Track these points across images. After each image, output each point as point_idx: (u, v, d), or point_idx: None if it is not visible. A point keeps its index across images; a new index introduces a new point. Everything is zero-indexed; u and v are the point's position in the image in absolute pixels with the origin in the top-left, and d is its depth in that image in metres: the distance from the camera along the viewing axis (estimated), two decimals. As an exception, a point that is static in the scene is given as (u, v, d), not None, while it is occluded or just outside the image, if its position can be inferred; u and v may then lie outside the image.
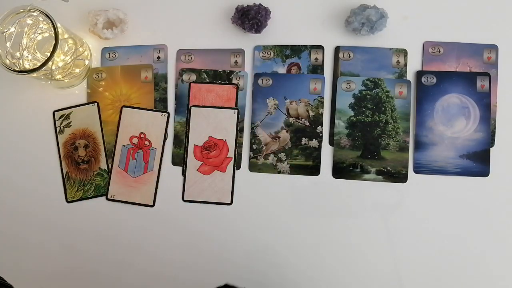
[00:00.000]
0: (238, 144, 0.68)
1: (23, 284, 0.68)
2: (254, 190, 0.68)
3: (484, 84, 0.67)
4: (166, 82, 0.70)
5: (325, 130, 0.68)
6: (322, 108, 0.68)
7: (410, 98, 0.68)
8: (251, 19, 0.66)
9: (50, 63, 0.60)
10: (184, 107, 0.70)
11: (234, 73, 0.69)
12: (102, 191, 0.69)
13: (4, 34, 0.61)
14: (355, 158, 0.67)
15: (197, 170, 0.68)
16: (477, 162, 0.66)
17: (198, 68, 0.70)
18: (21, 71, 0.60)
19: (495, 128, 0.67)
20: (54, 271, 0.69)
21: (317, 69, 0.69)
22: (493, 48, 0.67)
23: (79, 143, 0.70)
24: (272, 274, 0.67)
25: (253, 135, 0.69)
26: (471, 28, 0.68)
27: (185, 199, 0.68)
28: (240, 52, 0.70)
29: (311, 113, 0.68)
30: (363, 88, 0.68)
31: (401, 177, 0.67)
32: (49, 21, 0.60)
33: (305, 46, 0.69)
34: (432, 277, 0.65)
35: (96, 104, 0.70)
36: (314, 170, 0.68)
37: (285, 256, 0.67)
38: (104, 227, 0.69)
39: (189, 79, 0.70)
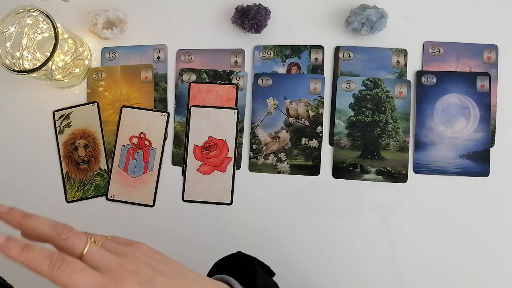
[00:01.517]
0: (238, 144, 0.68)
1: (23, 284, 0.68)
2: (254, 190, 0.68)
3: (484, 84, 0.67)
4: (166, 82, 0.70)
5: (325, 130, 0.68)
6: (322, 108, 0.68)
7: (410, 98, 0.68)
8: (251, 19, 0.66)
9: (50, 63, 0.60)
10: (184, 107, 0.70)
11: (234, 73, 0.69)
12: (102, 191, 0.69)
13: (4, 34, 0.61)
14: (355, 158, 0.67)
15: (197, 170, 0.68)
16: (477, 162, 0.66)
17: (198, 68, 0.70)
18: (21, 71, 0.60)
19: (495, 128, 0.67)
20: (54, 271, 0.69)
21: (317, 69, 0.69)
22: (493, 48, 0.67)
23: (79, 143, 0.70)
24: (272, 274, 0.67)
25: (253, 135, 0.69)
26: (471, 28, 0.68)
27: (185, 199, 0.68)
28: (240, 52, 0.70)
29: (311, 113, 0.68)
30: (363, 88, 0.68)
31: (401, 177, 0.67)
32: (49, 21, 0.60)
33: (305, 46, 0.69)
34: (432, 277, 0.65)
35: (96, 104, 0.70)
36: (314, 170, 0.68)
37: (285, 256, 0.67)
38: (104, 227, 0.69)
39: (189, 79, 0.70)
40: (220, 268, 0.48)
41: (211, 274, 0.48)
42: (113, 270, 0.33)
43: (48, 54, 0.59)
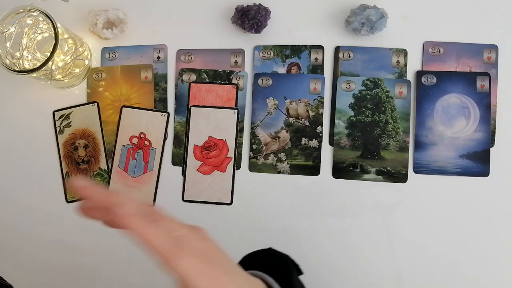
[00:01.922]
0: (238, 144, 0.68)
1: (23, 284, 0.68)
2: (254, 190, 0.68)
3: (484, 84, 0.67)
4: (166, 82, 0.70)
5: (325, 130, 0.68)
6: (322, 108, 0.68)
7: (410, 98, 0.68)
8: (251, 19, 0.66)
9: (50, 63, 0.60)
10: (184, 107, 0.70)
11: (234, 73, 0.69)
12: (102, 191, 0.69)
13: (4, 34, 0.61)
14: (355, 158, 0.67)
15: (197, 170, 0.68)
16: (477, 162, 0.66)
17: (198, 68, 0.70)
18: (21, 71, 0.60)
19: (495, 128, 0.67)
20: (54, 271, 0.69)
21: (317, 69, 0.69)
22: (493, 48, 0.67)
23: (79, 143, 0.70)
24: (272, 274, 0.67)
25: (253, 135, 0.69)
26: (471, 28, 0.68)
27: (185, 199, 0.68)
28: (240, 52, 0.70)
29: (311, 113, 0.68)
30: (363, 88, 0.68)
31: (401, 177, 0.67)
32: (49, 21, 0.60)
33: (305, 46, 0.69)
34: (432, 277, 0.65)
35: (96, 104, 0.70)
36: (314, 170, 0.68)
37: (285, 256, 0.67)
38: (104, 227, 0.69)
39: (189, 79, 0.70)
40: (250, 264, 0.46)
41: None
42: (203, 256, 0.32)
43: (48, 54, 0.59)
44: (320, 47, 0.69)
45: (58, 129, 0.70)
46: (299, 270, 0.49)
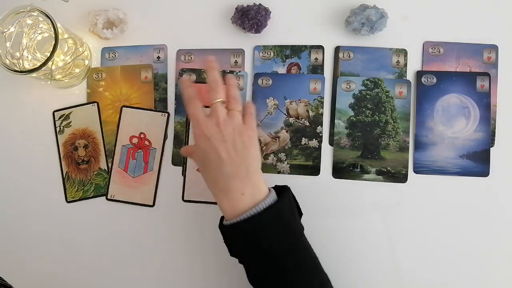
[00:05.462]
0: (238, 144, 0.68)
1: (22, 284, 0.68)
2: (254, 190, 0.68)
3: (484, 84, 0.67)
4: (166, 82, 0.70)
5: (325, 130, 0.68)
6: (322, 108, 0.68)
7: (410, 98, 0.68)
8: (251, 19, 0.66)
9: (50, 63, 0.60)
10: (184, 107, 0.69)
11: (234, 73, 0.69)
12: (102, 191, 0.69)
13: (4, 34, 0.61)
14: (355, 158, 0.67)
15: (197, 170, 0.68)
16: (477, 162, 0.66)
17: (198, 68, 0.70)
18: (21, 71, 0.60)
19: (495, 128, 0.67)
20: (54, 271, 0.69)
21: (317, 69, 0.69)
22: (493, 48, 0.67)
23: (79, 143, 0.70)
24: (272, 274, 0.67)
25: (253, 135, 0.68)
26: (471, 28, 0.68)
27: (185, 199, 0.68)
28: (240, 52, 0.70)
29: (311, 113, 0.68)
30: (363, 88, 0.68)
31: (401, 177, 0.67)
32: (49, 21, 0.60)
33: (305, 46, 0.69)
34: (432, 277, 0.65)
35: (96, 104, 0.70)
36: (314, 170, 0.68)
37: (285, 256, 0.67)
38: (104, 227, 0.69)
39: (189, 79, 0.70)
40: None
41: None
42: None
43: (48, 54, 0.59)
44: (320, 47, 0.69)
45: (58, 129, 0.70)
46: (299, 209, 0.59)
